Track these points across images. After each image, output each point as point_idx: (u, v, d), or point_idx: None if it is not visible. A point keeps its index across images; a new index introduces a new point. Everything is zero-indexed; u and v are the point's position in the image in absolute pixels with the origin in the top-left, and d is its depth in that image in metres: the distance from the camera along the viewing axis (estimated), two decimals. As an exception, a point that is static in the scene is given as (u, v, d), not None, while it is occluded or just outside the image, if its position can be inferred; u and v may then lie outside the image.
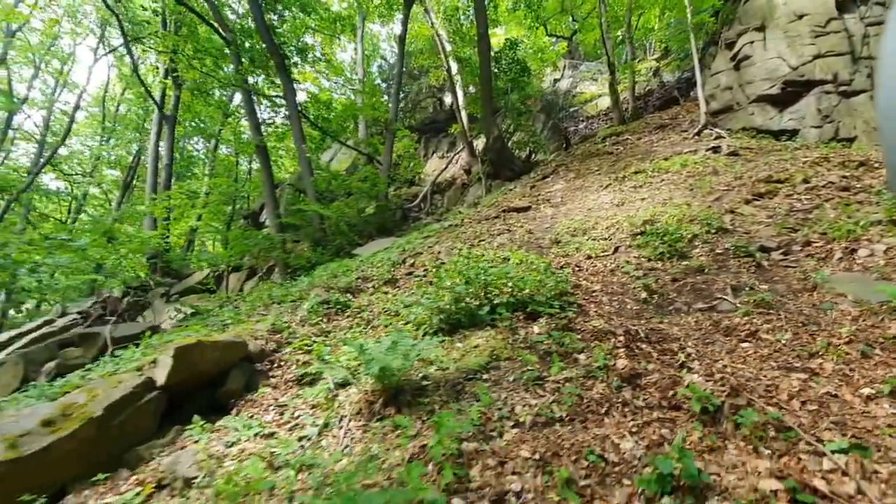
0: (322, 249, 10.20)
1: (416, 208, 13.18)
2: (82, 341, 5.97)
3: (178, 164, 26.70)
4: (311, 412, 3.06)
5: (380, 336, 4.15)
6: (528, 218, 7.60)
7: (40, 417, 2.99)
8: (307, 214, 10.79)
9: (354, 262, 7.58)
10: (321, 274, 7.24)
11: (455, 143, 18.16)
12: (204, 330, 4.87)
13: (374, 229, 11.11)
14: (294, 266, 10.65)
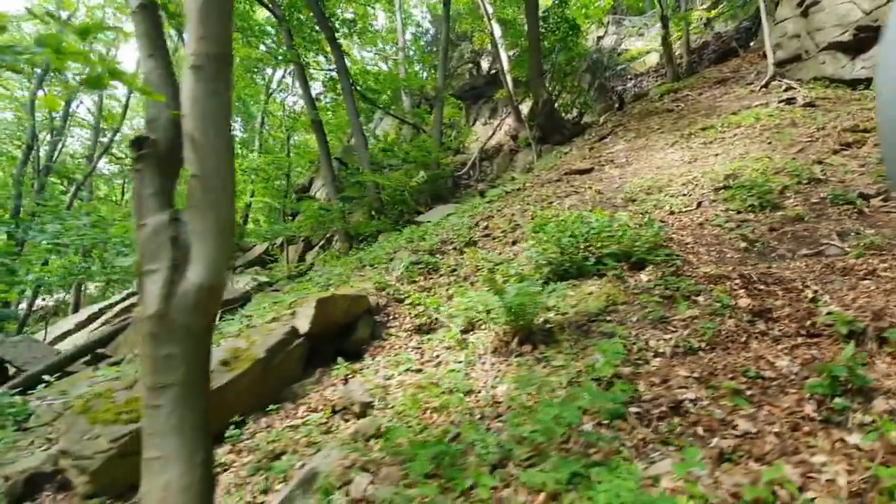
0: (381, 218, 10.56)
1: (465, 176, 13.31)
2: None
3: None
4: (446, 352, 3.42)
5: (480, 290, 4.47)
6: (594, 179, 7.65)
7: (217, 358, 3.46)
8: (364, 185, 11.13)
9: (424, 227, 7.89)
10: (396, 239, 7.60)
11: (496, 110, 17.96)
12: (314, 289, 5.32)
13: (429, 197, 11.37)
14: (354, 235, 11.12)
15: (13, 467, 3.22)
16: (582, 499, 1.64)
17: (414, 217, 10.09)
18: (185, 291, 1.63)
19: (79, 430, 2.80)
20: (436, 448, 2.17)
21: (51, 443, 3.54)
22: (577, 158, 9.19)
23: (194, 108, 1.73)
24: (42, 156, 21.28)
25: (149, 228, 1.68)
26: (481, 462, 1.99)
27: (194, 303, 1.64)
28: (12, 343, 6.49)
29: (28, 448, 3.60)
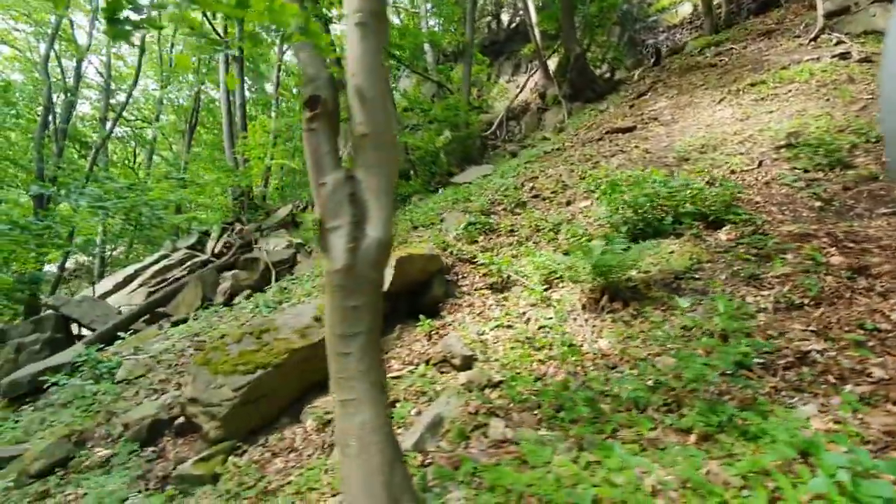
0: (411, 180, 10.50)
1: (492, 136, 13.09)
2: (246, 265, 6.74)
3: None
4: (532, 309, 3.52)
5: (545, 250, 4.54)
6: (638, 138, 7.51)
7: (310, 315, 3.60)
8: (394, 146, 10.96)
9: (466, 188, 7.86)
10: (439, 200, 7.61)
11: (519, 66, 17.37)
12: None
13: (459, 158, 11.23)
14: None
15: (129, 416, 3.45)
16: (736, 440, 1.75)
17: (447, 178, 10.02)
18: (367, 246, 1.70)
19: (203, 380, 2.98)
20: (563, 395, 2.30)
21: (157, 392, 3.76)
22: (616, 116, 8.98)
23: (362, 65, 1.73)
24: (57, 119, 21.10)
25: (328, 186, 1.72)
26: (616, 408, 2.12)
27: (375, 257, 1.71)
28: (76, 303, 6.73)
29: (134, 398, 3.83)
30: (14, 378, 4.66)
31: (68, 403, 4.02)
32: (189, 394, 2.97)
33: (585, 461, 1.80)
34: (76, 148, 23.07)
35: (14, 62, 21.92)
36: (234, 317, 5.41)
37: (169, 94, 25.18)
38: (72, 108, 21.74)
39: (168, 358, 4.57)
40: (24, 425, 3.89)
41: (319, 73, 1.84)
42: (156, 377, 4.09)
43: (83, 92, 25.99)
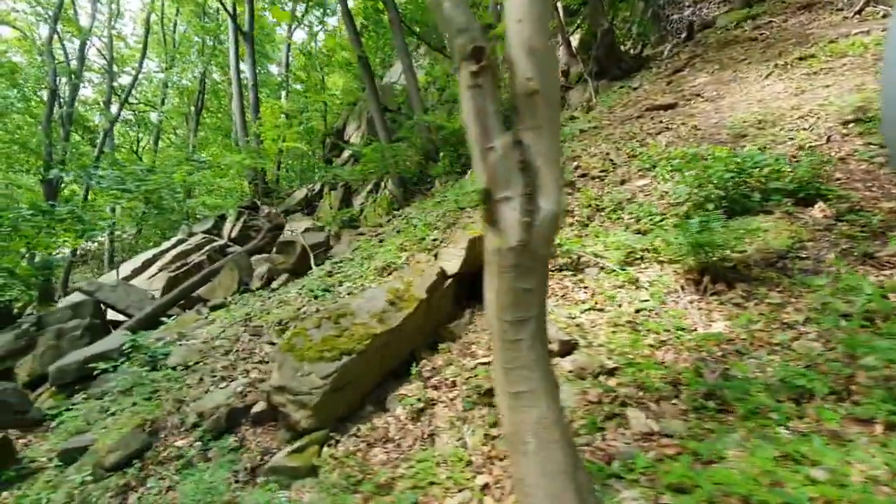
0: (439, 161, 10.21)
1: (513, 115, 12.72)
2: (282, 249, 6.54)
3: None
4: (621, 291, 3.33)
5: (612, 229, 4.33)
6: (683, 114, 7.22)
7: (383, 299, 3.41)
8: (417, 126, 10.68)
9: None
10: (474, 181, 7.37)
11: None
12: (426, 232, 5.21)
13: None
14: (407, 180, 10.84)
15: (201, 404, 3.28)
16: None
17: (476, 159, 9.73)
18: (542, 220, 1.49)
19: (290, 367, 2.80)
20: (699, 383, 2.12)
21: (225, 380, 3.60)
22: (653, 93, 8.65)
23: (530, 11, 1.50)
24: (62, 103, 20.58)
25: (498, 151, 1.51)
26: (775, 396, 1.94)
27: (548, 232, 1.51)
28: (110, 288, 6.54)
29: (199, 385, 3.66)
30: (61, 365, 4.49)
31: (128, 391, 3.86)
32: (276, 381, 2.79)
33: (768, 455, 1.62)
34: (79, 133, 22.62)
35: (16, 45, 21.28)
36: (280, 301, 5.23)
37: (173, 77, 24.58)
38: (76, 91, 21.24)
39: (222, 344, 4.40)
40: (84, 414, 3.73)
41: (470, 22, 1.60)
42: (216, 363, 3.92)
43: (84, 75, 25.33)
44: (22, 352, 5.25)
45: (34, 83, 18.36)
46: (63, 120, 19.72)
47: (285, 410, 2.76)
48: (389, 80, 19.02)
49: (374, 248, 5.57)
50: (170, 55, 24.18)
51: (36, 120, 17.57)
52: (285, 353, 2.88)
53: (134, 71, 27.06)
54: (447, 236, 5.11)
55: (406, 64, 10.98)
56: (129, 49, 28.05)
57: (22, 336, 5.29)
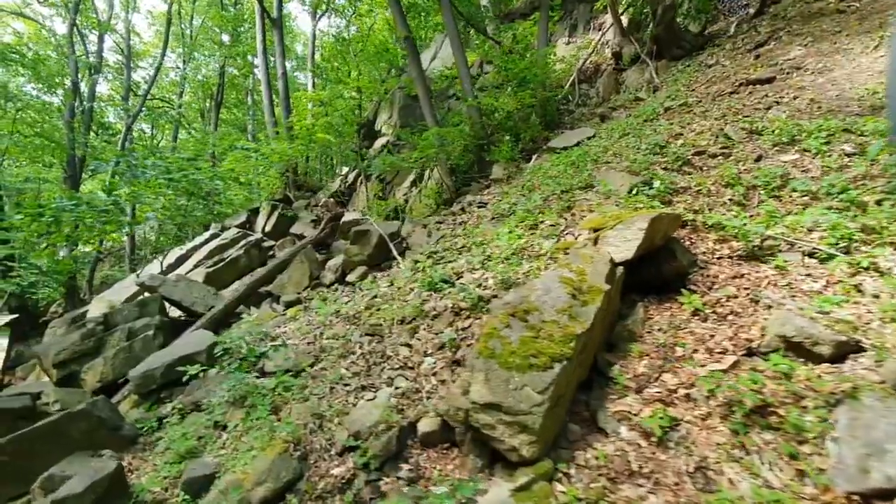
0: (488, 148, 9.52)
1: (564, 100, 12.02)
2: (357, 239, 5.90)
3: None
4: (866, 278, 2.67)
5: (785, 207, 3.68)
6: (789, 88, 6.51)
7: (562, 291, 2.76)
8: (469, 110, 10.00)
9: (583, 152, 6.93)
10: (555, 163, 6.72)
11: (576, 27, 16.15)
12: (527, 219, 4.56)
13: (539, 122, 10.22)
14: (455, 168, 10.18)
15: (353, 420, 2.65)
16: None
17: (542, 143, 9.09)
18: None
19: (498, 378, 2.16)
20: None
21: (364, 389, 2.97)
22: (739, 69, 7.93)
23: None
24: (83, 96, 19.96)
25: None
26: None
27: None
28: (172, 283, 5.93)
29: (331, 395, 3.03)
30: (147, 371, 3.89)
31: (239, 402, 3.25)
32: (482, 396, 2.15)
33: None
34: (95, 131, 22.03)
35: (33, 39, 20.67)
36: (375, 296, 4.60)
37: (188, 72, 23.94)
38: (95, 85, 20.64)
39: (330, 345, 3.78)
40: (192, 431, 3.12)
41: None
42: (339, 369, 3.29)
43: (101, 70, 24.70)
44: (89, 354, 4.65)
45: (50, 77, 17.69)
46: (84, 114, 19.14)
47: (493, 434, 2.12)
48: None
49: (475, 236, 4.93)
50: (188, 48, 23.51)
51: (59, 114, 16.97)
52: (487, 359, 2.24)
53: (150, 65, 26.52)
54: (567, 221, 4.46)
55: (456, 45, 10.29)
56: (145, 44, 27.48)
57: (88, 336, 4.69)
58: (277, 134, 14.81)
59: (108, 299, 12.13)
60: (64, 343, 4.63)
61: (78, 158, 17.51)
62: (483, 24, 14.27)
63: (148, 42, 27.78)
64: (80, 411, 2.96)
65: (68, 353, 4.57)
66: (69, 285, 15.28)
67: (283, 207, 13.99)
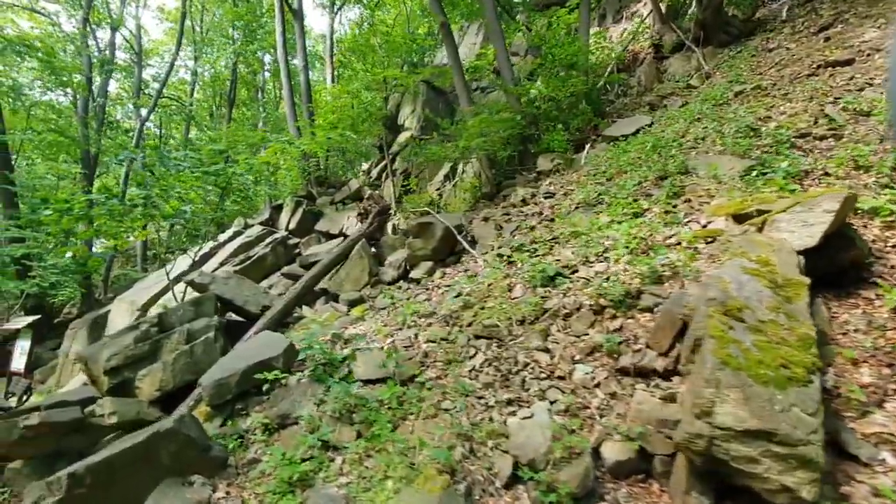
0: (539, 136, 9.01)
1: (603, 90, 11.49)
2: (421, 232, 5.40)
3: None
4: None
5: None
6: (874, 69, 6.02)
7: (759, 285, 2.26)
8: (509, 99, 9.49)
9: (654, 138, 6.43)
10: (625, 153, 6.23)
11: (605, 17, 15.65)
12: (626, 207, 4.06)
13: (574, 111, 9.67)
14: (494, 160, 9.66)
15: (517, 445, 2.14)
16: None
17: (593, 132, 8.59)
18: None
19: (760, 397, 1.66)
20: None
21: (513, 405, 2.46)
22: (810, 52, 7.43)
23: None
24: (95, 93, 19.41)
25: None
26: None
27: None
28: (223, 280, 5.43)
29: (471, 411, 2.52)
30: (221, 378, 3.38)
31: (345, 416, 2.74)
32: (740, 421, 1.64)
33: None
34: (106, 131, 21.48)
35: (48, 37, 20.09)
36: (458, 294, 4.10)
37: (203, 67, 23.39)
38: (107, 82, 20.12)
39: (433, 350, 3.28)
40: (295, 453, 2.61)
41: None
42: (464, 379, 2.79)
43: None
44: (144, 359, 4.15)
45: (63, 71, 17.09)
46: (96, 111, 18.61)
47: (753, 469, 1.62)
48: (441, 62, 17.82)
49: (564, 227, 4.42)
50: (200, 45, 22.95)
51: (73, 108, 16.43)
52: (734, 371, 1.73)
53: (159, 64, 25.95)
54: (684, 207, 3.95)
55: (496, 30, 9.77)
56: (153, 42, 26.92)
57: (143, 339, 4.18)
58: (299, 129, 14.28)
59: (131, 299, 11.62)
60: (116, 347, 4.12)
61: (91, 155, 16.99)
62: (515, 12, 13.75)
63: (156, 40, 27.29)
64: (169, 430, 2.46)
65: (121, 358, 4.06)
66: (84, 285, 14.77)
67: (308, 204, 13.48)
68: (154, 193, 7.45)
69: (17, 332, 10.49)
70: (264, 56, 25.15)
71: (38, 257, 11.73)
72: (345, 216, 12.86)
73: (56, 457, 3.88)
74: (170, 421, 2.54)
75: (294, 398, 3.33)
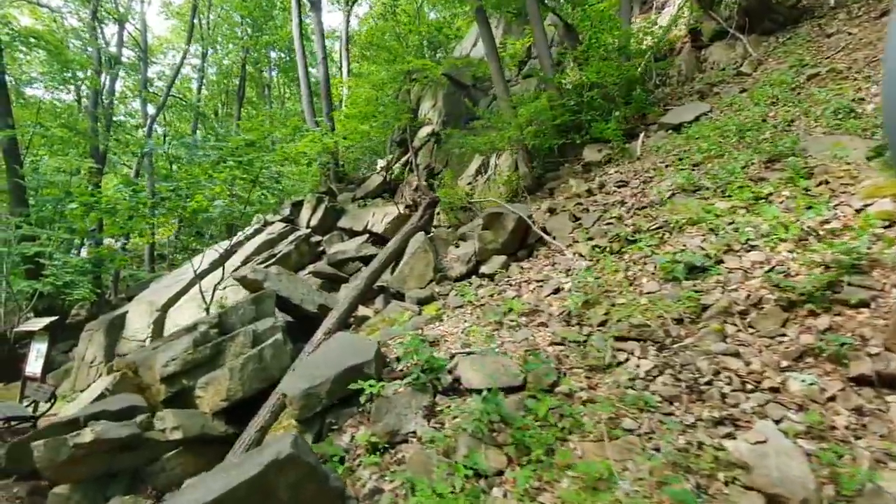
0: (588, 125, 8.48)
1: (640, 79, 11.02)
2: (491, 223, 4.89)
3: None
4: None
5: None
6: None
7: None
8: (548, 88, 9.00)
9: (733, 120, 5.96)
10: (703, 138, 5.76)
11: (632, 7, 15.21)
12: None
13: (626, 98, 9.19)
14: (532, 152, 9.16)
15: (757, 479, 1.65)
16: None
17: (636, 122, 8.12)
18: None
19: None
20: None
21: (723, 425, 1.96)
22: (877, 36, 7.00)
23: None
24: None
25: None
26: None
27: None
28: (276, 277, 4.90)
29: (658, 433, 2.03)
30: (310, 388, 2.87)
31: (486, 437, 2.24)
32: None
33: None
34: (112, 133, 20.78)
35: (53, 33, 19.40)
36: (557, 289, 3.61)
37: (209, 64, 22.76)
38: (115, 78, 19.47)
39: (563, 352, 2.78)
40: (438, 484, 2.11)
41: None
42: (613, 388, 2.29)
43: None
44: (203, 365, 3.62)
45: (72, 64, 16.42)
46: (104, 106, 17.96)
47: None
48: (461, 52, 17.32)
49: (669, 214, 3.94)
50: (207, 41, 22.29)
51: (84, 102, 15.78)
52: None
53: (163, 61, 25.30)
54: (823, 190, 3.47)
55: (535, 14, 9.28)
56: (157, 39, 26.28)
57: (202, 342, 3.65)
58: (318, 124, 13.72)
59: (149, 299, 11.05)
60: (172, 351, 3.59)
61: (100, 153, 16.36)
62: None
63: (160, 37, 26.66)
64: (289, 457, 1.94)
65: (179, 364, 3.54)
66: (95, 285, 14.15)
67: (330, 200, 12.95)
68: (182, 186, 6.92)
69: (30, 334, 9.91)
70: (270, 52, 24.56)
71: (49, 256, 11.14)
72: (369, 213, 12.34)
73: (108, 478, 3.35)
74: (286, 444, 2.02)
75: (398, 411, 2.82)
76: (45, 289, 9.68)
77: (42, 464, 3.03)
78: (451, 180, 10.36)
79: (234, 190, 8.76)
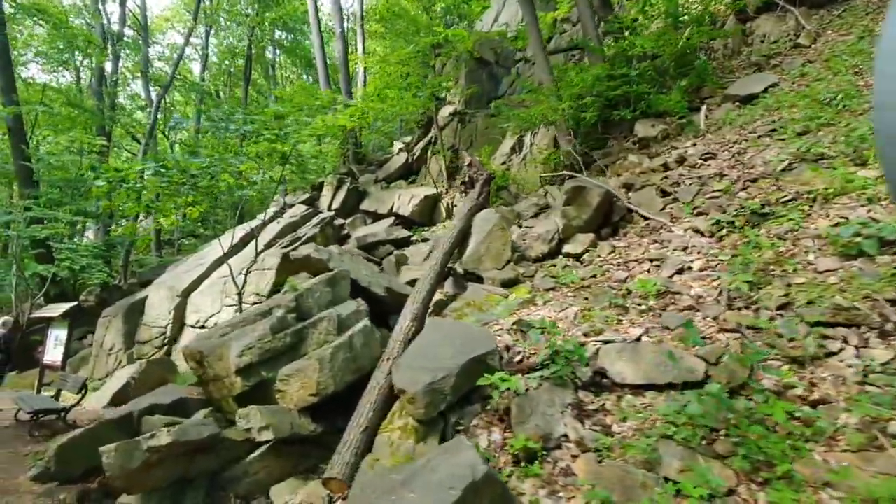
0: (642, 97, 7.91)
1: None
2: (574, 198, 4.40)
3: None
4: None
5: None
6: None
7: None
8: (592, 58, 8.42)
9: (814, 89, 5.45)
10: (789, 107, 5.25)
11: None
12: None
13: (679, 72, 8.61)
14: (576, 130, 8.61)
15: None
16: None
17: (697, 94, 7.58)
18: None
19: None
20: None
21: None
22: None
23: None
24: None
25: None
26: None
27: None
28: (338, 257, 4.39)
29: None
30: (434, 383, 2.41)
31: (698, 445, 1.78)
32: None
33: None
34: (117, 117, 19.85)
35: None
36: (680, 269, 3.14)
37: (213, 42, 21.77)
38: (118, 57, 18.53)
39: (733, 339, 2.32)
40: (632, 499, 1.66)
41: None
42: (842, 387, 1.84)
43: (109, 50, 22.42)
44: (283, 354, 3.14)
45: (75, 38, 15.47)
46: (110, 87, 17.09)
47: None
48: (482, 27, 16.56)
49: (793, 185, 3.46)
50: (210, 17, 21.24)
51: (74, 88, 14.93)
52: None
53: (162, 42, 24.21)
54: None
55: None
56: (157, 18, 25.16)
57: (280, 329, 3.17)
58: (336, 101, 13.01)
59: (170, 285, 10.50)
60: (248, 338, 3.10)
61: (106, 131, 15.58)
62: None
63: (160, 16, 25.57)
64: (486, 477, 1.48)
65: (257, 353, 3.05)
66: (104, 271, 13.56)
67: (351, 182, 12.37)
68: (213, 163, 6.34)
69: (45, 320, 9.37)
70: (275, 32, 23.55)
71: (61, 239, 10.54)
72: (394, 195, 11.79)
73: (183, 485, 2.89)
74: (474, 460, 1.56)
75: (542, 410, 2.36)
76: (61, 273, 9.10)
77: (113, 471, 2.56)
78: (487, 158, 9.80)
79: (261, 167, 8.17)
